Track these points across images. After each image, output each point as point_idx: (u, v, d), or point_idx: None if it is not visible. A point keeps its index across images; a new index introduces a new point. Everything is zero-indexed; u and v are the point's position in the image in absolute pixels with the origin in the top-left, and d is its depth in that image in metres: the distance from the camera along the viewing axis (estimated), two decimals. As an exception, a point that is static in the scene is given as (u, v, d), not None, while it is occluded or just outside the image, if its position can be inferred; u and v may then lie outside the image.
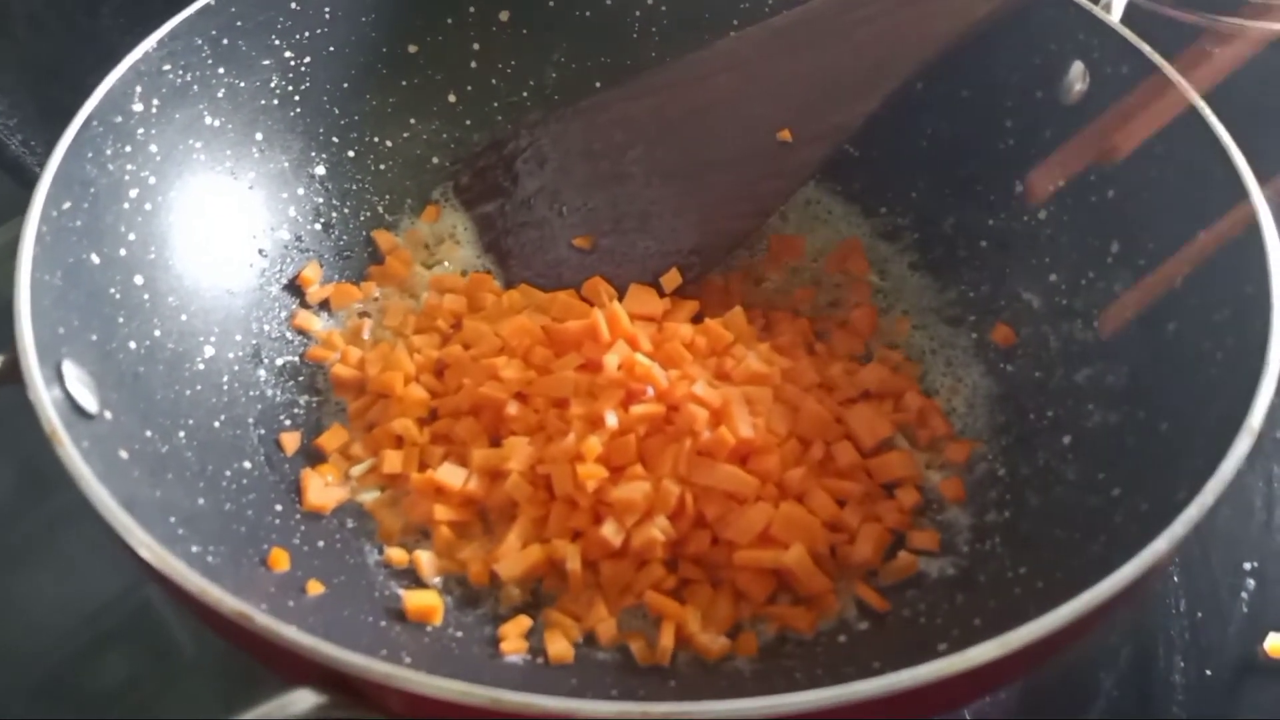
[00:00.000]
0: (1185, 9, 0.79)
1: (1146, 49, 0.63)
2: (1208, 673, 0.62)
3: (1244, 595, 0.65)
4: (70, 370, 0.51)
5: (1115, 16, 0.66)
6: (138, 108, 0.63)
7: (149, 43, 0.64)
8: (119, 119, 0.62)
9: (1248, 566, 0.66)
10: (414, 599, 0.56)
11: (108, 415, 0.53)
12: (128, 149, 0.62)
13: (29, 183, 0.74)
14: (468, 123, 0.80)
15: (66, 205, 0.57)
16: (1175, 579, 0.65)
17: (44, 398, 0.47)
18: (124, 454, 0.52)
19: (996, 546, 0.59)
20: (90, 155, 0.59)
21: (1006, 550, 0.59)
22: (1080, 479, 0.59)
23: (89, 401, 0.52)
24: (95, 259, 0.58)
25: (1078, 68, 0.67)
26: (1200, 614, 0.64)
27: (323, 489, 0.62)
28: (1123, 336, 0.62)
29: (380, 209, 0.76)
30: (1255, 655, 0.62)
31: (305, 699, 0.39)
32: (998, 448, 0.65)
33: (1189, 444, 0.52)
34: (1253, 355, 0.51)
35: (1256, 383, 0.50)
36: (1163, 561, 0.45)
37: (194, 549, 0.50)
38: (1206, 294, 0.58)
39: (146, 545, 0.43)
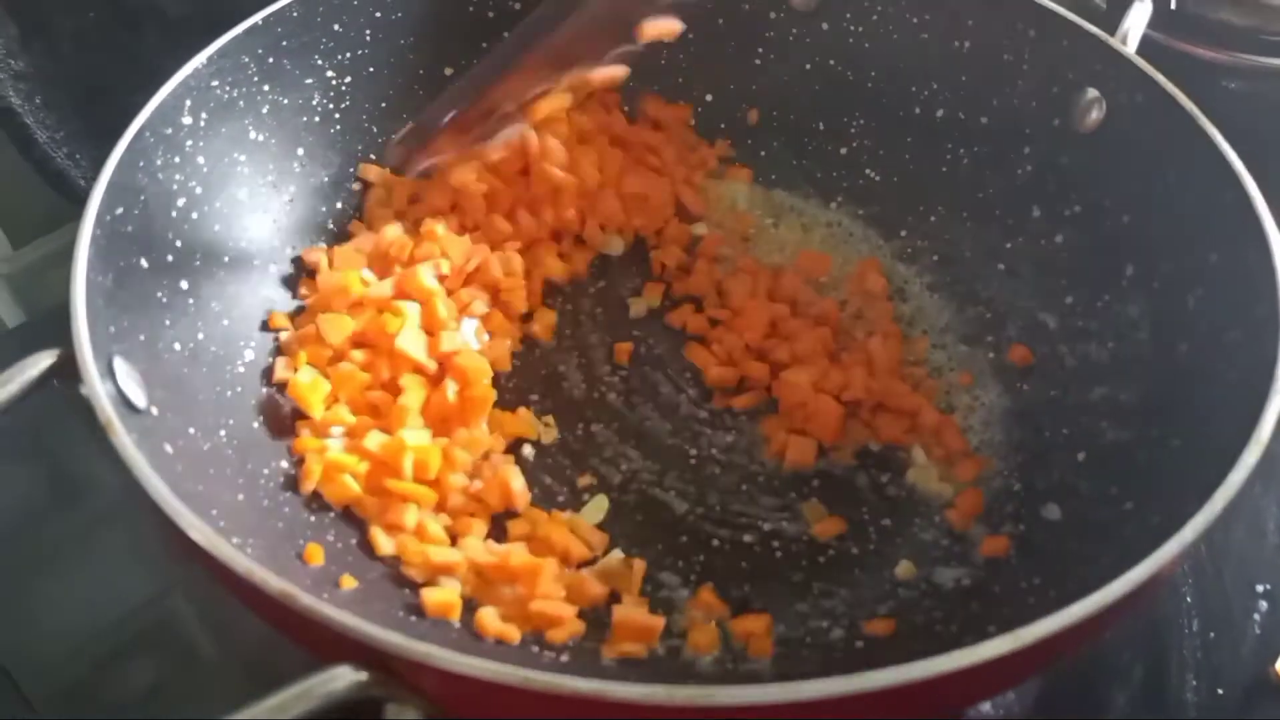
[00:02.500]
0: (1201, 44, 0.81)
1: (1161, 79, 0.65)
2: (1220, 692, 0.62)
3: (1256, 617, 0.65)
4: (121, 367, 0.54)
5: (1131, 48, 0.68)
6: (187, 121, 0.66)
7: (199, 59, 0.66)
8: (169, 131, 0.64)
9: (1260, 589, 0.67)
10: (432, 595, 0.57)
11: (154, 411, 0.55)
12: (177, 159, 0.65)
13: (74, 195, 0.78)
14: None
15: (119, 211, 0.59)
16: (1189, 599, 0.66)
17: (99, 389, 0.49)
18: (169, 449, 0.54)
19: (1011, 558, 0.61)
20: (142, 164, 0.62)
21: (1020, 561, 0.60)
22: (1093, 493, 0.61)
23: (138, 397, 0.54)
24: (144, 263, 0.61)
25: (1094, 96, 0.69)
26: (1213, 634, 0.65)
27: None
28: (1136, 357, 0.64)
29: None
30: (1267, 675, 0.63)
31: (344, 676, 0.40)
32: (1013, 463, 0.66)
33: (1200, 459, 0.53)
34: (1263, 374, 0.52)
35: (1266, 399, 0.51)
36: (1170, 567, 0.46)
37: (235, 540, 0.51)
38: (1217, 316, 0.59)
39: (197, 528, 0.45)
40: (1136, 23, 0.69)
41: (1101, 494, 0.59)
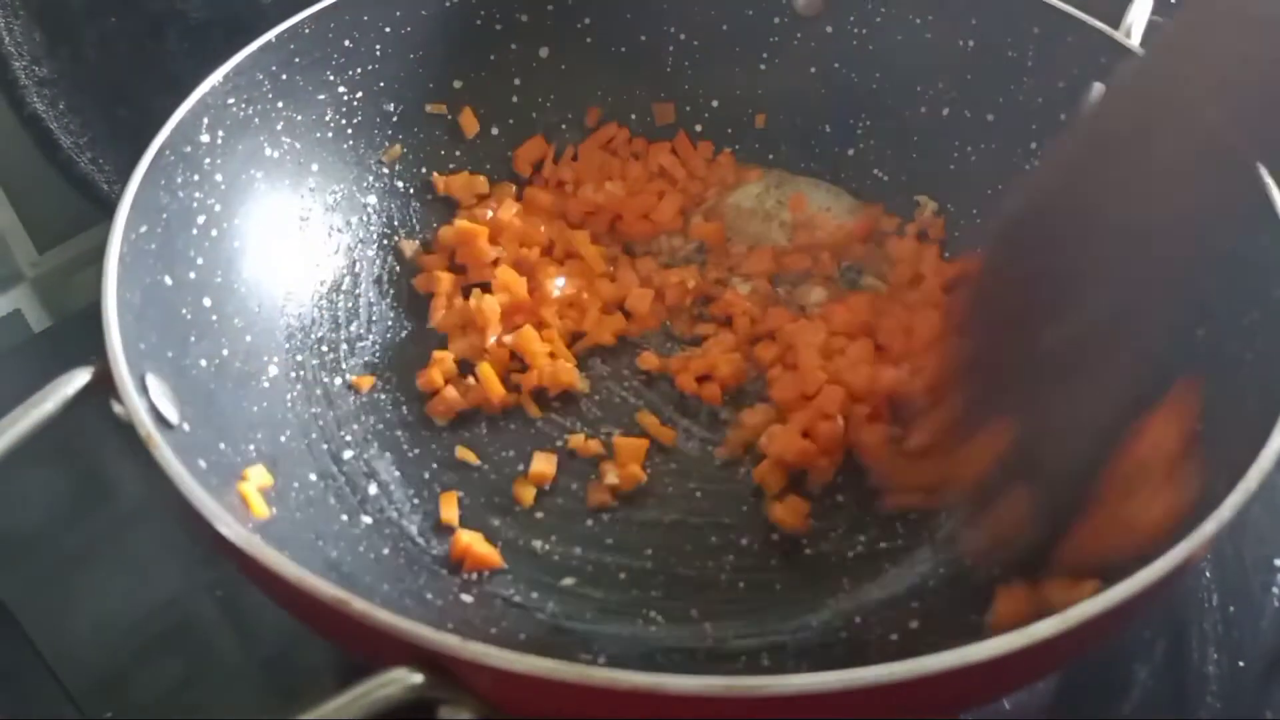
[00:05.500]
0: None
1: (1166, 70, 0.66)
2: (1240, 665, 0.63)
3: (1275, 590, 0.66)
4: (153, 383, 0.54)
5: (1135, 40, 0.69)
6: (205, 139, 0.66)
7: (215, 77, 0.67)
8: (188, 149, 0.64)
9: (1278, 563, 0.68)
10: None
11: (186, 427, 0.55)
12: (196, 177, 0.65)
13: (98, 199, 0.78)
14: (509, 154, 0.83)
15: (143, 229, 0.59)
16: (1207, 574, 0.67)
17: (138, 404, 0.50)
18: (203, 463, 0.54)
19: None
20: (163, 183, 0.62)
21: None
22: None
23: (171, 413, 0.54)
24: (169, 280, 0.61)
25: (1100, 90, 0.69)
26: (1232, 608, 0.65)
27: None
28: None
29: (430, 237, 0.79)
30: (1288, 648, 0.64)
31: (401, 679, 0.40)
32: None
33: (1224, 441, 0.54)
34: (1282, 355, 0.53)
35: (1287, 380, 0.52)
36: (1204, 548, 0.46)
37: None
38: (1234, 299, 0.60)
39: (243, 538, 0.45)
40: (1140, 15, 0.70)
41: (1129, 480, 0.60)
